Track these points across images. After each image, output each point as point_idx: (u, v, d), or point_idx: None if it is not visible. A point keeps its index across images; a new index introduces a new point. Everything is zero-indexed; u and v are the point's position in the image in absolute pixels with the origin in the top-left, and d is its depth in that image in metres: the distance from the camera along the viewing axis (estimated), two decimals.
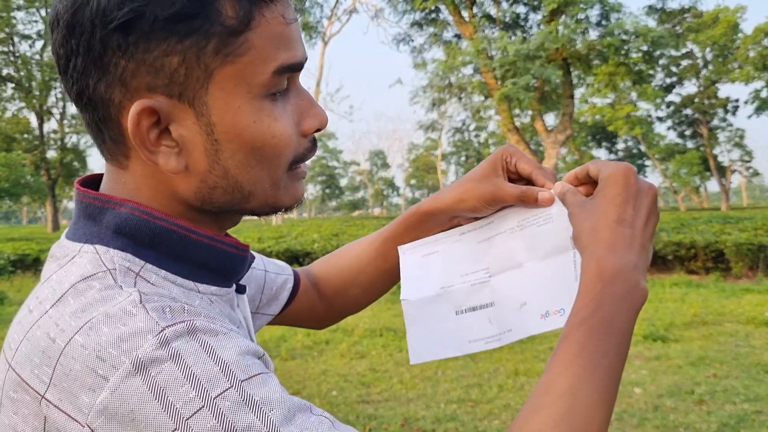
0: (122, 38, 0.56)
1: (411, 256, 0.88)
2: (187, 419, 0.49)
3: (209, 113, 0.59)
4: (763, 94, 40.38)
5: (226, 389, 0.50)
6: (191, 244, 0.64)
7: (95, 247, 0.61)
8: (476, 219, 0.84)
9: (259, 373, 0.53)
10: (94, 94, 0.59)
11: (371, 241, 0.97)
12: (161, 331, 0.52)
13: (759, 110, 41.34)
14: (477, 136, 62.89)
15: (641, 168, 63.89)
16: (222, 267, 0.67)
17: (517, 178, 0.81)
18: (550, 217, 0.76)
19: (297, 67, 0.62)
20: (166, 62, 0.57)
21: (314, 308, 1.04)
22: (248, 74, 0.59)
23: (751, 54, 38.02)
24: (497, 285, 0.80)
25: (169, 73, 0.57)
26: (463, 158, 71.47)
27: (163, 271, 0.62)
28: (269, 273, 0.97)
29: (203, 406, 0.49)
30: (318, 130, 0.66)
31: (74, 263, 0.60)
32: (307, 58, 0.63)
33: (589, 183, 0.77)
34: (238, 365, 0.52)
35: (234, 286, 0.72)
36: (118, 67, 0.57)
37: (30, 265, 14.45)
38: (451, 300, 0.83)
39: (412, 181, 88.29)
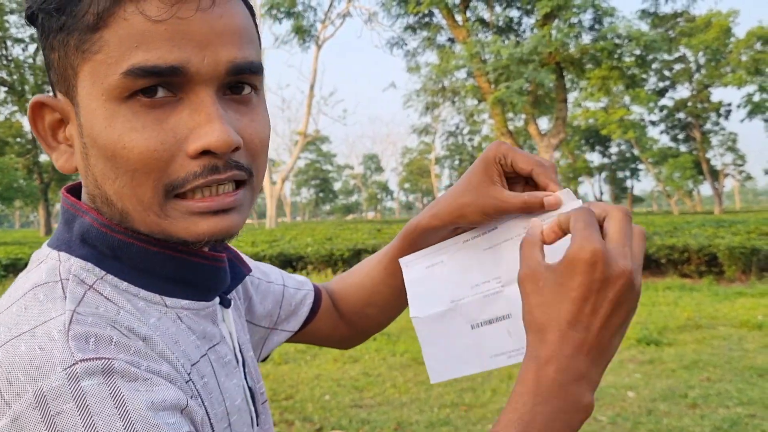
0: (40, 37, 0.58)
1: (414, 269, 0.84)
2: None
3: (80, 113, 0.57)
4: (756, 98, 40.62)
5: None
6: (152, 257, 0.60)
7: (60, 255, 0.59)
8: None
9: None
10: None
11: (380, 259, 0.93)
12: (73, 365, 0.47)
13: (751, 114, 41.58)
14: (471, 139, 63.01)
15: (634, 172, 64.20)
16: (190, 279, 0.63)
17: (514, 175, 0.76)
18: None
19: (155, 71, 0.53)
20: (52, 58, 0.57)
21: (337, 327, 1.00)
22: (101, 74, 0.54)
23: (744, 58, 38.26)
24: (512, 295, 0.75)
25: (55, 69, 0.57)
26: (456, 162, 71.60)
27: (125, 283, 0.59)
28: (288, 288, 0.95)
29: None
30: (208, 152, 0.55)
31: (38, 269, 0.58)
32: (178, 63, 0.53)
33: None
34: (146, 423, 0.46)
35: (218, 299, 0.68)
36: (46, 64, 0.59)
37: (22, 269, 14.37)
38: (465, 313, 0.79)
39: (406, 185, 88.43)
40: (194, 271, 0.63)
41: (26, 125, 40.73)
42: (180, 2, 0.53)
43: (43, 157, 41.36)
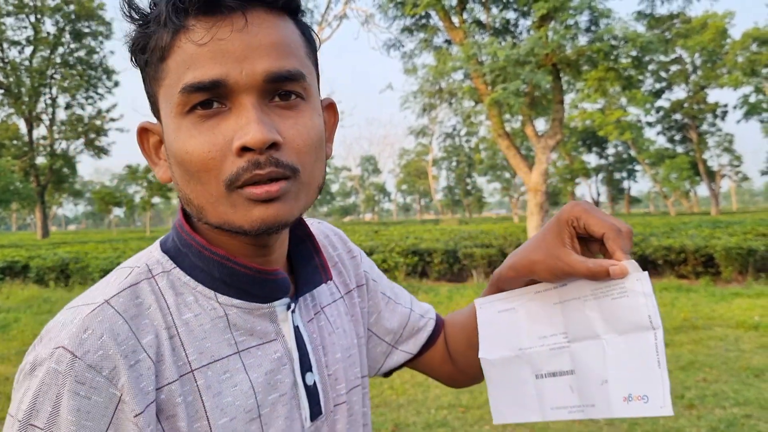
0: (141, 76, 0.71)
1: (487, 311, 0.88)
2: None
3: (163, 131, 0.69)
4: (752, 99, 40.71)
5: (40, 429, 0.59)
6: (206, 260, 0.71)
7: (157, 244, 0.75)
8: None
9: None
10: None
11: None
12: (57, 348, 0.61)
13: (748, 115, 41.69)
14: (468, 141, 63.15)
15: (631, 173, 64.32)
16: (238, 285, 0.72)
17: (587, 236, 0.78)
18: (625, 291, 0.73)
19: (201, 86, 0.63)
20: (146, 89, 0.70)
21: (445, 361, 1.04)
22: (168, 96, 0.66)
23: (740, 59, 38.35)
24: (577, 353, 0.77)
25: (149, 98, 0.70)
26: (454, 163, 71.65)
27: (188, 277, 0.71)
28: (414, 312, 1.02)
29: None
30: (249, 150, 0.63)
31: (142, 251, 0.76)
32: (218, 77, 0.63)
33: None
34: (65, 422, 0.59)
35: (285, 299, 0.76)
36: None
37: (19, 272, 14.34)
38: (531, 363, 0.81)
39: (404, 187, 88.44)
40: (240, 279, 0.72)
41: (23, 128, 40.68)
42: (217, 26, 0.63)
43: (40, 160, 41.33)
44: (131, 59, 0.71)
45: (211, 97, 0.64)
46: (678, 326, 7.33)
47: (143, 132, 0.73)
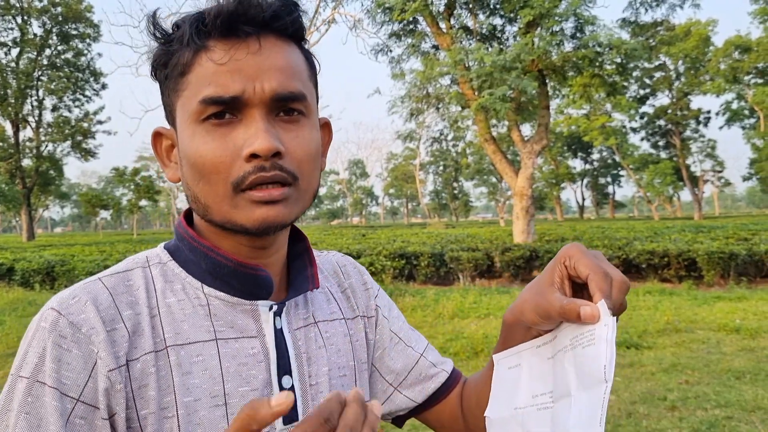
0: (160, 87, 0.80)
1: (501, 368, 0.83)
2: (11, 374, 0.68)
3: (178, 136, 0.77)
4: (734, 106, 41.17)
5: (26, 377, 0.67)
6: (196, 252, 0.79)
7: (162, 244, 0.83)
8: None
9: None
10: None
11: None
12: (50, 309, 0.70)
13: (730, 121, 42.17)
14: (455, 145, 63.19)
15: (616, 178, 64.71)
16: (221, 277, 0.78)
17: (578, 278, 0.71)
18: (593, 339, 0.65)
19: (220, 101, 0.71)
20: (163, 99, 0.79)
21: (456, 420, 0.97)
22: (187, 105, 0.73)
23: (722, 66, 38.78)
24: (556, 413, 0.71)
25: (166, 107, 0.79)
26: (441, 168, 71.72)
27: (180, 269, 0.79)
28: (425, 359, 0.98)
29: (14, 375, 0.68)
30: (256, 156, 0.70)
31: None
32: (236, 93, 0.71)
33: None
34: (48, 364, 0.67)
35: (269, 302, 0.80)
36: None
37: (4, 274, 14.23)
38: (521, 423, 0.76)
39: (391, 191, 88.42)
40: (222, 270, 0.78)
41: (9, 130, 40.27)
42: (235, 48, 0.72)
43: (26, 162, 40.92)
44: (152, 73, 0.79)
45: (225, 109, 0.71)
46: (661, 329, 7.40)
47: (157, 136, 0.81)
